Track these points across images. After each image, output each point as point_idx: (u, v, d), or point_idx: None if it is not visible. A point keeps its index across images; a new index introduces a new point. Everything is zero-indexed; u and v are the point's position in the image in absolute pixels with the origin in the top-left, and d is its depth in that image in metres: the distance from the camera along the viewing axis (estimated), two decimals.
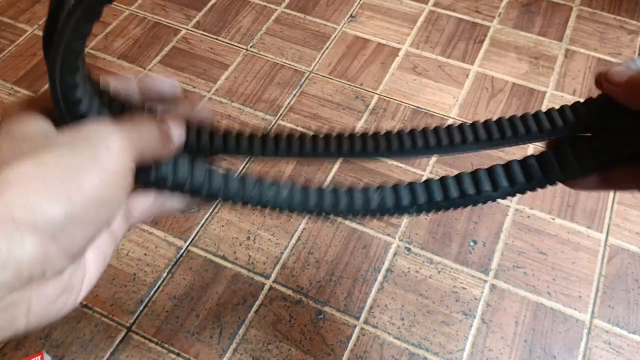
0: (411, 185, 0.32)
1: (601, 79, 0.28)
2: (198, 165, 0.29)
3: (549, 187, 0.31)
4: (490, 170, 0.31)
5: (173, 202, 0.29)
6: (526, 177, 0.30)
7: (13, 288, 0.19)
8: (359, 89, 0.90)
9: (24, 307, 0.21)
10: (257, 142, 0.32)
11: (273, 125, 0.85)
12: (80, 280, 0.24)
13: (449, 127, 0.32)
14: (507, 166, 0.31)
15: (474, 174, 0.31)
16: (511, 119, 0.31)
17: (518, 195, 0.33)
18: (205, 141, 0.30)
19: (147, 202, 0.28)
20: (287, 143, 0.32)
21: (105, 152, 0.22)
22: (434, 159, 0.81)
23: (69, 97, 0.24)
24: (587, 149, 0.29)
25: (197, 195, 0.29)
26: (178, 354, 0.65)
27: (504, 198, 0.31)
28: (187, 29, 0.99)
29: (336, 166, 0.80)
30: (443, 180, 0.31)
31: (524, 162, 0.31)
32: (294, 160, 0.81)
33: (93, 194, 0.21)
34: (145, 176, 0.27)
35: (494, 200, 0.31)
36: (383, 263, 0.71)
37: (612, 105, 0.28)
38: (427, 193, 0.31)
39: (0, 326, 0.20)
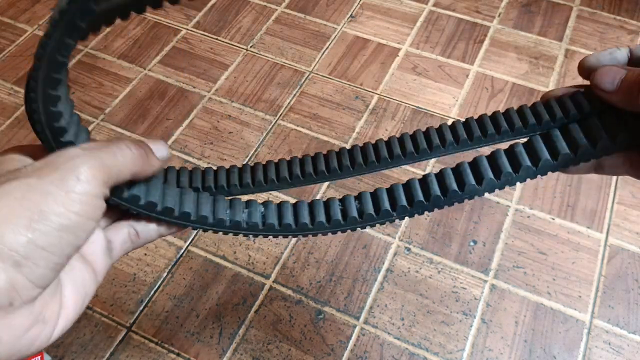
0: (391, 188, 0.32)
1: (591, 81, 0.28)
2: (185, 192, 0.31)
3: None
4: (474, 163, 0.30)
5: (149, 231, 0.29)
6: (513, 167, 0.30)
7: None
8: (359, 89, 0.90)
9: None
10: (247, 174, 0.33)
11: (272, 126, 0.85)
12: (55, 314, 0.23)
13: (442, 128, 0.31)
14: (492, 157, 0.30)
15: (457, 169, 0.31)
16: (505, 114, 0.31)
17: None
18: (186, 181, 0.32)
19: (124, 234, 0.28)
20: (276, 169, 0.33)
21: (74, 179, 0.22)
22: (433, 159, 0.81)
23: (54, 126, 0.24)
24: (580, 139, 0.29)
25: (186, 221, 0.30)
26: (178, 354, 0.65)
27: (491, 191, 0.30)
28: (187, 29, 0.99)
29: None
30: (425, 178, 0.31)
31: (512, 151, 0.30)
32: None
33: (57, 221, 0.21)
34: (134, 201, 0.27)
35: (480, 194, 0.30)
36: (383, 263, 0.71)
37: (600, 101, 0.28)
38: (407, 195, 0.31)
39: None
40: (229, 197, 0.33)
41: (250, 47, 0.96)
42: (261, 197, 0.50)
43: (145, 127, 0.85)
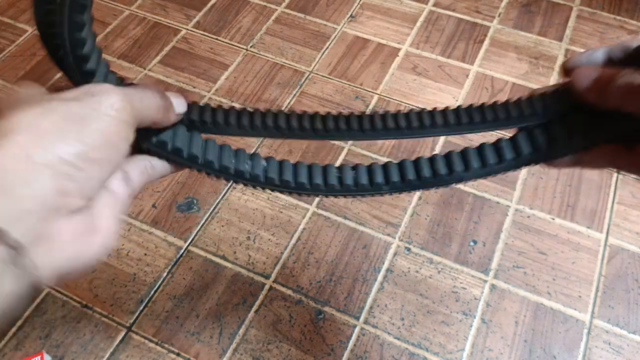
0: (385, 164, 0.34)
1: (570, 82, 0.30)
2: (195, 136, 0.32)
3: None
4: (464, 152, 0.33)
5: (164, 166, 0.31)
6: (498, 158, 0.33)
7: (37, 216, 0.21)
8: (359, 89, 0.90)
9: (47, 241, 0.22)
10: (261, 120, 0.34)
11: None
12: (101, 226, 0.25)
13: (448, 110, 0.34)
14: (481, 148, 0.33)
15: (447, 155, 0.33)
16: (488, 106, 0.34)
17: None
18: (208, 117, 0.33)
19: (140, 166, 0.30)
20: (290, 121, 0.34)
21: (109, 106, 0.24)
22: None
23: (77, 53, 0.25)
24: (559, 134, 0.31)
25: (194, 163, 0.31)
26: (178, 354, 0.65)
27: (475, 179, 0.33)
28: (187, 29, 0.99)
29: (342, 155, 0.80)
30: (418, 160, 0.33)
31: (497, 144, 0.33)
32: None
33: (101, 136, 0.23)
34: (147, 138, 0.29)
35: (466, 180, 0.33)
36: (383, 263, 0.71)
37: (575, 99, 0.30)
38: (401, 172, 0.33)
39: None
40: (235, 149, 0.34)
41: (250, 47, 0.96)
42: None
43: None
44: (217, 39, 0.98)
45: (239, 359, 0.64)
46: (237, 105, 0.35)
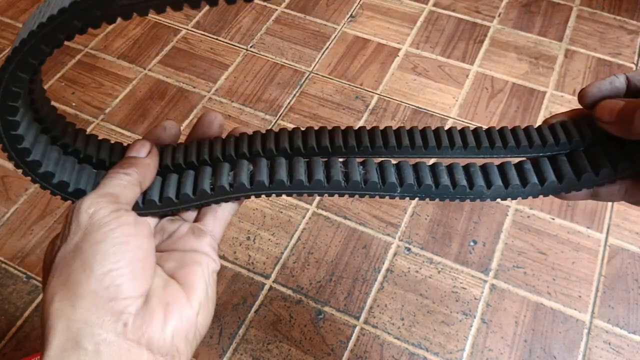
0: (399, 164, 0.31)
1: (593, 114, 0.29)
2: (170, 178, 0.31)
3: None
4: (484, 168, 0.31)
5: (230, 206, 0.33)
6: (522, 181, 0.31)
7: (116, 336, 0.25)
8: (359, 89, 0.90)
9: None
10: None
11: (272, 126, 0.85)
12: (177, 293, 0.28)
13: (453, 130, 0.32)
14: (502, 167, 0.31)
15: (467, 168, 0.31)
16: (508, 130, 0.32)
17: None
18: (181, 159, 0.32)
19: (214, 210, 0.32)
20: (278, 140, 0.32)
21: (87, 217, 0.27)
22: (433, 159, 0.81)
23: (17, 147, 0.26)
24: (584, 164, 0.30)
25: (180, 204, 0.31)
26: None
27: (496, 198, 0.31)
28: (187, 29, 0.99)
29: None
30: (435, 166, 0.31)
31: (520, 167, 0.31)
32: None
33: (108, 245, 0.26)
34: (152, 205, 0.30)
35: (484, 198, 0.31)
36: (383, 263, 0.71)
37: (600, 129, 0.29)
38: (417, 175, 0.31)
39: None
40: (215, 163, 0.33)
41: (250, 47, 0.96)
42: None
43: (145, 127, 0.85)
44: (217, 39, 0.98)
45: (239, 359, 0.64)
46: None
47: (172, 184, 0.31)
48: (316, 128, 0.33)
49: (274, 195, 0.31)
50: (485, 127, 0.33)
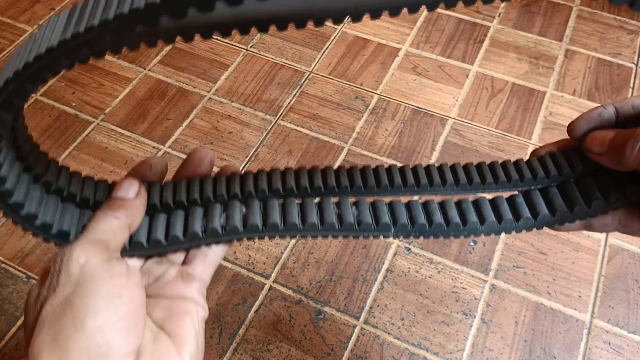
0: (392, 203, 0.31)
1: (583, 147, 0.29)
2: (158, 219, 0.30)
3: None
4: (477, 203, 0.31)
5: (218, 249, 0.32)
6: (515, 215, 0.30)
7: None
8: (359, 89, 0.90)
9: None
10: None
11: (272, 126, 0.85)
12: (168, 350, 0.27)
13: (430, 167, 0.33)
14: (494, 202, 0.31)
15: (459, 204, 0.31)
16: (492, 165, 0.32)
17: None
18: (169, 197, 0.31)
19: (201, 257, 0.31)
20: (268, 179, 0.32)
21: (78, 268, 0.25)
22: (433, 159, 0.81)
23: None
24: (575, 196, 0.30)
25: (169, 247, 0.30)
26: None
27: (489, 234, 0.31)
28: None
29: (336, 166, 0.80)
30: (427, 204, 0.31)
31: (513, 201, 0.31)
32: (293, 161, 0.81)
33: (98, 298, 0.25)
34: (139, 247, 0.29)
35: (479, 234, 0.31)
36: (383, 263, 0.71)
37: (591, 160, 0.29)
38: (410, 214, 0.30)
39: None
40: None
41: (250, 47, 0.96)
42: None
43: (145, 127, 0.85)
44: (217, 39, 0.98)
45: (239, 359, 0.64)
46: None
47: (160, 225, 0.29)
48: (308, 167, 0.33)
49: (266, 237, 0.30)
50: (485, 126, 0.34)
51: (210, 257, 0.31)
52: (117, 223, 0.27)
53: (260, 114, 0.87)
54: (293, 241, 0.73)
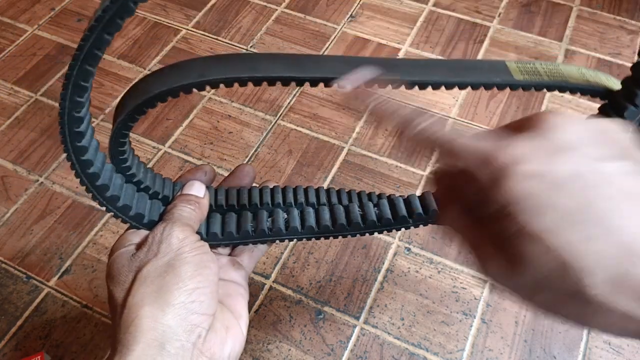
0: (408, 198, 0.38)
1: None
2: (214, 217, 0.36)
3: None
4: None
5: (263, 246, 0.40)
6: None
7: (193, 351, 0.28)
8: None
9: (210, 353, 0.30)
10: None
11: (272, 126, 0.85)
12: (232, 319, 0.32)
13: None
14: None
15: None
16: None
17: None
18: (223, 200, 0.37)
19: (247, 250, 0.38)
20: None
21: (178, 242, 0.31)
22: (434, 158, 0.81)
23: (81, 158, 0.30)
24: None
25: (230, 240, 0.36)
26: None
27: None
28: (187, 29, 0.99)
29: (336, 166, 0.80)
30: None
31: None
32: (293, 161, 0.81)
33: (191, 266, 0.30)
34: (215, 237, 0.35)
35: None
36: (383, 263, 0.71)
37: None
38: (423, 205, 0.38)
39: None
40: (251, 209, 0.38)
41: (250, 47, 0.96)
42: None
43: (145, 127, 0.85)
44: (217, 38, 0.98)
45: (239, 359, 0.64)
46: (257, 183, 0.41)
47: (217, 222, 0.35)
48: (336, 188, 0.40)
49: (304, 239, 0.37)
50: (485, 127, 0.38)
51: (255, 253, 0.38)
52: (194, 214, 0.33)
53: (260, 114, 0.87)
54: (293, 241, 0.73)
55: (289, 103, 0.88)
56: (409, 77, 0.28)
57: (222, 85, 0.28)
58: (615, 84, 0.31)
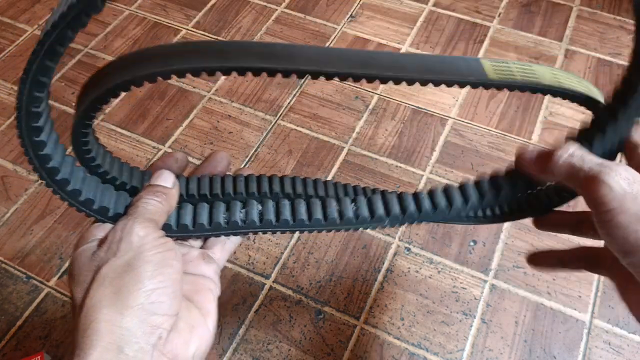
0: (384, 194, 0.36)
1: (517, 154, 0.33)
2: (185, 207, 0.35)
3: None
4: (462, 187, 0.36)
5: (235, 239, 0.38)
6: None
7: (151, 353, 0.28)
8: (359, 89, 0.90)
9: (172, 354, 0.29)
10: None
11: (272, 126, 0.85)
12: (199, 317, 0.31)
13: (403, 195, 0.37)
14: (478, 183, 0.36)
15: (447, 189, 0.36)
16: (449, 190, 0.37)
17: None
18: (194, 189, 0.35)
19: (219, 243, 0.37)
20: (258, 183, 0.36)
21: (138, 239, 0.30)
22: (434, 159, 0.81)
23: (39, 154, 0.29)
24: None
25: (197, 232, 0.34)
26: None
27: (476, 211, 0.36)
28: (187, 29, 0.99)
29: (336, 166, 0.80)
30: (417, 194, 0.36)
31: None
32: (293, 161, 0.81)
33: (151, 265, 0.29)
34: (185, 228, 0.33)
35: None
36: (383, 263, 0.71)
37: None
38: (401, 205, 0.35)
39: None
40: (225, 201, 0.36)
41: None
42: None
43: (145, 127, 0.85)
44: (217, 38, 0.98)
45: (239, 359, 0.64)
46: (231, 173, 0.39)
47: (188, 213, 0.34)
48: (313, 178, 0.38)
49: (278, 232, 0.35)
50: (485, 126, 0.38)
51: (227, 246, 0.37)
52: (161, 207, 0.32)
53: (260, 114, 0.87)
54: (293, 241, 0.73)
55: (289, 103, 0.88)
56: (384, 72, 0.27)
57: (189, 75, 0.27)
58: (597, 94, 0.31)
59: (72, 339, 0.29)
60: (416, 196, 0.36)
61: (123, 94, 0.90)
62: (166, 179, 0.34)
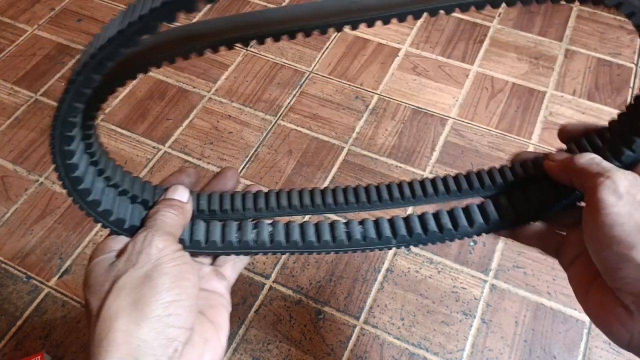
0: (392, 219, 0.36)
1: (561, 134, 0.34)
2: (198, 224, 0.35)
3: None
4: (467, 209, 0.36)
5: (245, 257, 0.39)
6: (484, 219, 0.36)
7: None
8: (359, 89, 0.90)
9: None
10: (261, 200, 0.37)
11: (272, 126, 0.85)
12: (212, 331, 0.32)
13: (415, 182, 0.38)
14: (483, 207, 0.36)
15: (452, 211, 0.37)
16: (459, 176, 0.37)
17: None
18: (216, 205, 0.36)
19: (230, 261, 0.37)
20: (283, 198, 0.37)
21: (157, 252, 0.30)
22: (434, 159, 0.81)
23: (71, 176, 0.29)
24: (505, 206, 0.35)
25: (211, 249, 0.35)
26: None
27: (480, 234, 0.36)
28: None
29: (336, 166, 0.80)
30: (423, 215, 0.37)
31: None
32: (293, 161, 0.81)
33: (169, 278, 0.29)
34: (198, 244, 0.34)
35: (470, 235, 0.36)
36: (383, 263, 0.71)
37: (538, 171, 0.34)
38: (407, 226, 0.36)
39: None
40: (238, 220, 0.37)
41: (250, 47, 0.96)
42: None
43: (145, 127, 0.85)
44: None
45: (239, 359, 0.64)
46: (241, 188, 0.39)
47: (200, 230, 0.35)
48: (321, 188, 0.38)
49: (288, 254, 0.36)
50: (485, 126, 0.38)
51: (237, 265, 0.37)
52: (178, 220, 0.33)
53: (260, 114, 0.87)
54: None
55: (289, 103, 0.88)
56: (367, 14, 0.26)
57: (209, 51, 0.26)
58: None
59: (87, 350, 0.29)
60: (421, 218, 0.37)
61: (123, 95, 0.90)
62: (182, 194, 0.34)
